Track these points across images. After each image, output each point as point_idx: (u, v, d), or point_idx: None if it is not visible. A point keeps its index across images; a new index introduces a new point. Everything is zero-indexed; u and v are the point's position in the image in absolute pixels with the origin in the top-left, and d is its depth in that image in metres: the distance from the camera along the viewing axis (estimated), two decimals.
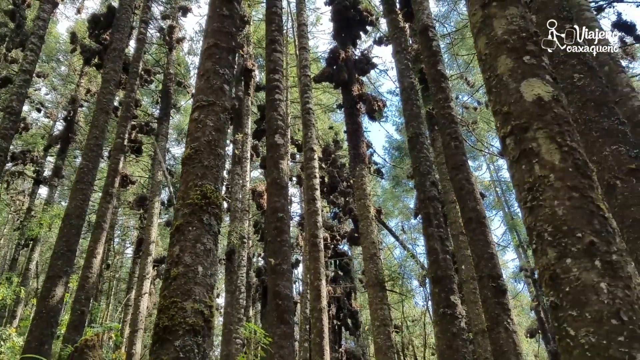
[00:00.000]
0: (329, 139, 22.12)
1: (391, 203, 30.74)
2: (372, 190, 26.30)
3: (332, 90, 19.30)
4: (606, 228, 1.88)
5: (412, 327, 23.28)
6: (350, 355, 19.30)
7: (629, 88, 7.51)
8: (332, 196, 21.00)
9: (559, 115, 2.13)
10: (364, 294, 23.33)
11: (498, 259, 7.54)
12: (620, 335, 1.65)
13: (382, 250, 23.40)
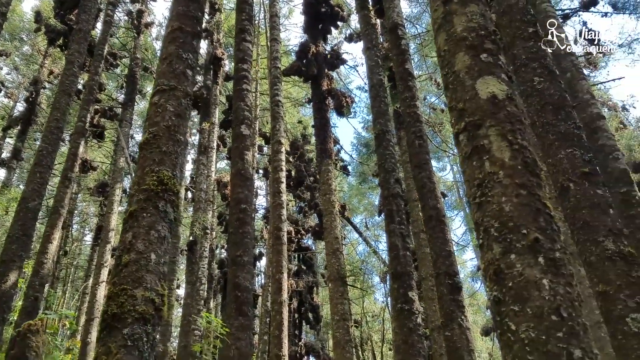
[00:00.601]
0: (297, 133, 22.06)
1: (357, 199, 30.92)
2: (339, 186, 26.39)
3: (301, 84, 19.24)
4: (551, 226, 1.92)
5: (371, 323, 23.53)
6: (309, 348, 19.38)
7: (589, 95, 7.76)
8: (298, 190, 20.97)
9: (511, 114, 2.16)
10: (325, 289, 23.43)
11: (455, 256, 7.68)
12: (560, 331, 1.68)
13: (346, 245, 23.53)
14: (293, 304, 19.64)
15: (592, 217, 3.67)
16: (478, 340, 26.27)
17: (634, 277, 3.46)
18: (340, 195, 26.99)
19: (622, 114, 14.95)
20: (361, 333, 20.74)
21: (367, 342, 21.35)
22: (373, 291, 23.41)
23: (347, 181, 30.05)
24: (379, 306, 25.99)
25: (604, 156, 7.12)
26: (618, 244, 3.55)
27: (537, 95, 4.08)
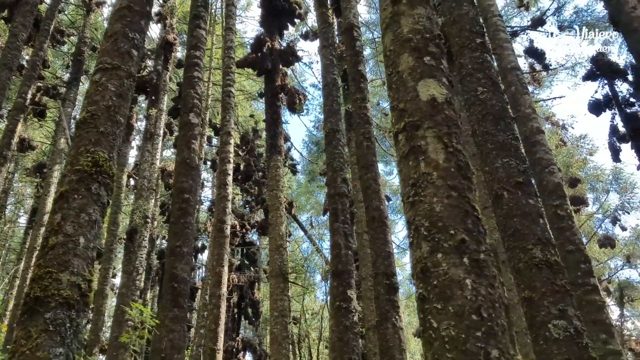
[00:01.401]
0: (248, 126, 21.83)
1: (305, 198, 30.95)
2: (288, 183, 26.30)
3: (255, 78, 19.03)
4: (478, 228, 1.97)
5: (310, 320, 23.64)
6: (246, 344, 19.25)
7: (531, 110, 8.08)
8: (246, 184, 20.77)
9: (449, 118, 2.21)
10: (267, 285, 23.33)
11: (395, 258, 7.83)
12: (479, 331, 1.73)
13: (290, 242, 23.49)
14: (233, 299, 19.44)
15: (522, 226, 3.82)
16: (412, 342, 26.92)
17: (558, 285, 3.63)
18: (289, 192, 26.92)
19: (562, 131, 15.71)
20: (299, 330, 20.78)
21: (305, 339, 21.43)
22: (314, 289, 23.53)
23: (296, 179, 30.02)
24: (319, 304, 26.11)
25: (540, 169, 7.44)
26: (545, 253, 3.71)
27: (480, 105, 4.21)
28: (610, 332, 6.55)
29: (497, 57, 8.13)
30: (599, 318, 6.49)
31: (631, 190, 16.12)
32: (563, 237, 6.91)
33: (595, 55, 10.52)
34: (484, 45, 4.38)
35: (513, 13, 13.51)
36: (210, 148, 22.97)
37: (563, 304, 3.49)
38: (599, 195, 16.78)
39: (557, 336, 3.41)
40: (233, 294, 19.32)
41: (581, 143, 15.97)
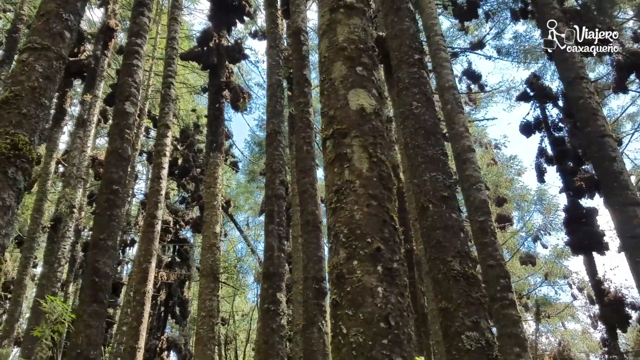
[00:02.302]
0: (190, 121, 21.36)
1: (243, 198, 30.62)
2: (227, 181, 25.94)
3: (200, 72, 18.67)
4: (394, 238, 2.03)
5: (240, 322, 23.37)
6: (171, 343, 18.76)
7: (464, 128, 8.38)
8: (183, 180, 20.28)
9: (375, 128, 2.26)
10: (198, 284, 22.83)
11: (326, 263, 7.89)
12: (385, 338, 1.77)
13: (225, 242, 23.14)
14: (161, 297, 18.89)
15: (444, 238, 3.96)
16: None
17: (474, 297, 3.78)
18: (227, 191, 26.54)
19: (494, 151, 16.46)
20: (227, 331, 20.49)
21: (232, 341, 21.16)
22: (245, 290, 23.28)
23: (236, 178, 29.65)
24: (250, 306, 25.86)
25: (469, 186, 7.73)
26: (463, 266, 3.86)
27: (413, 119, 4.33)
28: (524, 346, 6.85)
29: (436, 75, 8.40)
30: (514, 332, 6.76)
31: (554, 211, 17.11)
32: (485, 252, 7.19)
33: (530, 77, 11.09)
34: (421, 61, 4.51)
35: (457, 35, 14.05)
36: (147, 140, 22.27)
37: (477, 316, 3.64)
38: (524, 214, 17.72)
39: (470, 347, 3.54)
40: (161, 292, 18.78)
41: (511, 163, 16.81)
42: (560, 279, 17.70)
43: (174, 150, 19.57)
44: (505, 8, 11.15)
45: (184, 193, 21.12)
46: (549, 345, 18.56)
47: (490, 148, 16.24)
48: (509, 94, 14.08)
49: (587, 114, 6.99)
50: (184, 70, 19.62)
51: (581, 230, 9.91)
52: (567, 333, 19.50)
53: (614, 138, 7.22)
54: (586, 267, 10.39)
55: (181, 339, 19.84)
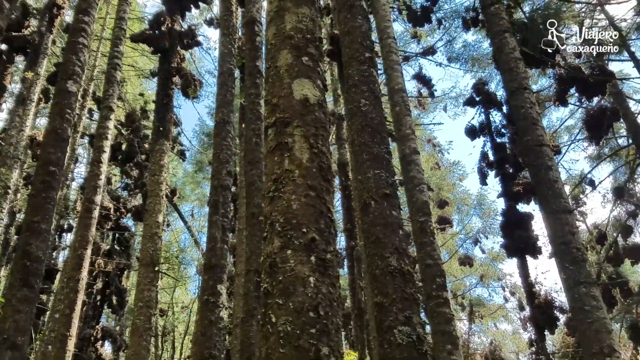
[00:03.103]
0: (137, 105, 20.71)
1: (190, 188, 30.04)
2: (173, 170, 25.38)
3: (151, 56, 18.12)
4: (329, 229, 2.04)
5: (179, 314, 22.95)
6: (106, 333, 18.21)
7: (410, 130, 8.56)
8: (127, 166, 19.63)
9: (318, 119, 2.26)
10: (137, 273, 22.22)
11: None
12: (313, 328, 1.77)
13: (168, 232, 22.63)
14: (97, 285, 18.28)
15: (383, 235, 4.03)
16: None
17: (408, 293, 3.87)
18: (174, 180, 25.96)
19: (439, 155, 16.95)
20: (165, 322, 20.06)
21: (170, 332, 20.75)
22: (187, 282, 22.87)
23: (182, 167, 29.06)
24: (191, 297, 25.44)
25: (412, 187, 7.90)
26: (400, 262, 3.94)
27: (361, 116, 4.38)
28: (455, 344, 7.06)
29: (387, 77, 8.53)
30: (447, 329, 6.95)
31: (492, 216, 17.78)
32: (424, 251, 7.37)
33: (477, 82, 11.45)
34: (371, 60, 4.56)
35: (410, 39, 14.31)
36: (91, 122, 21.43)
37: (410, 312, 3.73)
38: (464, 217, 18.34)
39: (401, 341, 3.62)
40: (98, 280, 18.18)
41: (454, 168, 17.35)
42: (495, 281, 18.49)
43: (118, 134, 18.92)
44: (457, 16, 11.46)
45: (127, 180, 20.46)
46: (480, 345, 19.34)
47: (435, 152, 16.71)
48: (457, 100, 14.52)
49: (527, 123, 7.28)
50: (133, 52, 18.99)
51: (516, 234, 10.34)
52: (498, 333, 20.38)
53: (551, 148, 7.57)
54: (519, 270, 10.87)
55: (117, 329, 19.28)
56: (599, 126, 10.17)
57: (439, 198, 15.22)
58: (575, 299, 6.34)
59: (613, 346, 6.03)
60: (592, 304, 6.30)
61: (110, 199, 18.80)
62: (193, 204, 28.99)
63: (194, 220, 24.19)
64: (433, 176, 16.54)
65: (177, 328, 23.00)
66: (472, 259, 16.80)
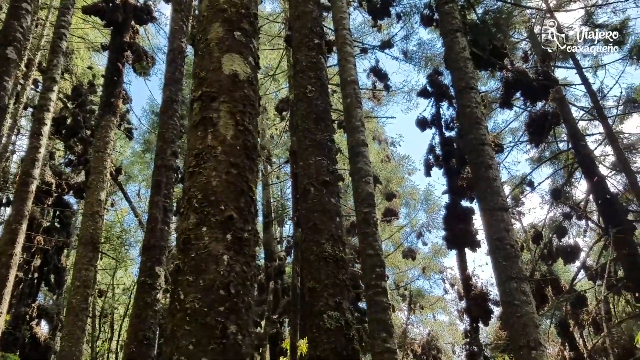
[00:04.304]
0: (85, 79, 19.93)
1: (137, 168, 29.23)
2: (121, 149, 24.67)
3: (103, 30, 17.44)
4: (249, 208, 2.01)
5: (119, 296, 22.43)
6: (42, 312, 17.62)
7: (360, 123, 8.61)
8: (71, 141, 18.88)
9: (247, 97, 2.22)
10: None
11: None
12: (222, 306, 1.75)
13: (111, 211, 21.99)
14: (35, 262, 17.62)
15: (321, 221, 4.04)
16: None
17: (340, 279, 3.90)
18: (121, 159, 25.19)
19: (389, 148, 17.18)
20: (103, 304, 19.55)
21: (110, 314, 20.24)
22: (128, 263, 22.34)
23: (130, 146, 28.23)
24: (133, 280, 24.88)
25: (359, 178, 7.96)
26: (335, 249, 3.97)
27: (306, 102, 4.35)
28: (390, 332, 7.20)
29: (340, 69, 8.55)
30: (382, 318, 7.07)
31: (437, 211, 18.22)
32: (366, 241, 7.46)
33: (431, 73, 11.62)
34: (320, 46, 4.54)
35: (368, 32, 14.36)
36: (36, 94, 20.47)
37: (340, 297, 3.77)
38: (410, 211, 18.73)
39: (329, 326, 3.65)
40: (36, 257, 17.53)
41: (403, 162, 17.65)
42: (436, 274, 19.04)
43: (63, 108, 18.18)
44: (416, 12, 11.57)
45: (71, 155, 19.70)
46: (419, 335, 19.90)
47: (387, 145, 16.92)
48: (410, 95, 14.72)
49: (471, 122, 7.46)
50: (84, 24, 18.22)
51: (458, 228, 10.65)
52: (436, 324, 21.04)
53: (492, 147, 7.79)
54: (458, 262, 11.21)
55: (54, 308, 18.65)
56: (540, 130, 10.56)
57: (388, 190, 15.45)
58: (506, 293, 6.57)
59: (539, 340, 6.28)
60: (521, 298, 6.53)
61: (52, 175, 18.11)
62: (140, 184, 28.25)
63: (140, 201, 23.60)
64: (384, 169, 16.76)
65: (117, 310, 22.48)
66: (416, 252, 17.20)
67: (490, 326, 16.42)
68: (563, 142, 13.47)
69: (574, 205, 12.91)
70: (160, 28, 27.24)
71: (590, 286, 13.05)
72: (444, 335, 20.62)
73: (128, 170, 25.21)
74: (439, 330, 20.11)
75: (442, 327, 21.05)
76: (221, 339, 1.70)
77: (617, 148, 11.01)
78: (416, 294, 18.31)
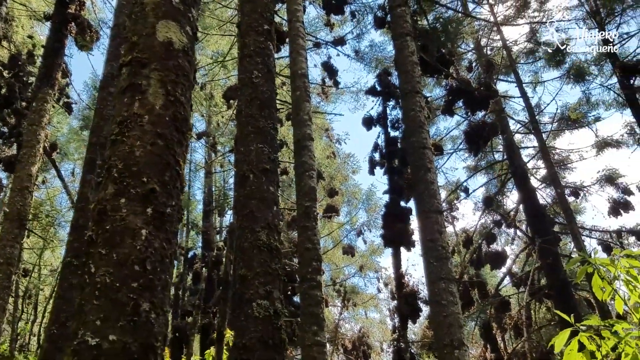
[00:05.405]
0: (24, 48, 18.84)
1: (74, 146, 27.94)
2: (58, 125, 23.56)
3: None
4: (174, 183, 1.92)
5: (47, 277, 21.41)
6: None
7: (307, 117, 8.60)
8: (4, 112, 17.79)
9: (180, 67, 2.13)
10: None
11: None
12: (136, 282, 1.66)
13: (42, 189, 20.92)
14: None
15: (257, 209, 3.98)
16: None
17: (272, 268, 3.86)
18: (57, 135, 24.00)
19: (336, 145, 17.28)
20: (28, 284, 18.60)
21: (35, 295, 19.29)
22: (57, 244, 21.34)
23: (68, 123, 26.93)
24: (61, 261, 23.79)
25: (302, 172, 7.96)
26: (270, 238, 3.92)
27: (251, 88, 4.27)
28: (321, 326, 7.24)
29: (291, 61, 8.50)
30: (315, 311, 7.11)
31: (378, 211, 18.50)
32: (305, 235, 7.48)
33: (381, 73, 11.76)
34: (270, 33, 4.47)
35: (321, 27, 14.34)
36: None
37: (271, 286, 3.72)
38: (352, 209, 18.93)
39: (258, 315, 3.60)
40: None
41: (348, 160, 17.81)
42: (372, 272, 19.37)
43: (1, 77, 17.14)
44: (369, 12, 11.67)
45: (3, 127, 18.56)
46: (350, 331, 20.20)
47: (332, 142, 17.01)
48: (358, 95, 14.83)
49: (414, 125, 7.60)
50: None
51: (396, 227, 10.86)
52: (367, 321, 21.42)
53: (432, 152, 7.98)
54: (393, 260, 11.44)
55: None
56: (478, 139, 10.93)
57: (331, 187, 15.55)
58: (435, 292, 6.73)
59: (462, 340, 6.46)
60: (449, 299, 6.71)
61: None
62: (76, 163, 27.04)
63: (74, 180, 22.59)
64: (328, 166, 16.84)
65: (43, 292, 21.47)
66: (354, 250, 17.43)
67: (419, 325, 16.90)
68: (499, 152, 14.02)
69: (504, 214, 13.47)
70: (107, 1, 26.16)
71: (514, 292, 13.67)
72: (374, 332, 21.02)
73: (64, 148, 24.10)
74: (369, 327, 20.48)
75: (372, 324, 21.45)
76: (132, 316, 1.62)
77: (549, 162, 11.57)
78: (351, 290, 18.55)
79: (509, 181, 13.25)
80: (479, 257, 12.76)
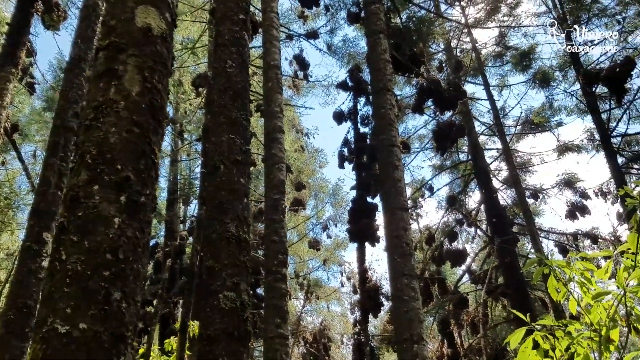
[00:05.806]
0: None
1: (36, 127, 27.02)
2: (20, 105, 22.77)
3: None
4: (150, 172, 1.90)
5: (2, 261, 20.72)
6: None
7: (279, 109, 8.58)
8: None
9: (159, 54, 2.10)
10: None
11: None
12: (108, 270, 1.64)
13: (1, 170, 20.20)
14: None
15: (227, 200, 3.96)
16: None
17: (240, 260, 3.85)
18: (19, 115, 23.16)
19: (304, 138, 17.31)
20: None
21: None
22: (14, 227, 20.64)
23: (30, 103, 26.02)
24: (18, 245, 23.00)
25: (272, 164, 7.96)
26: (239, 229, 3.91)
27: (225, 77, 4.24)
28: (284, 318, 7.28)
29: (264, 52, 8.47)
30: (279, 304, 7.14)
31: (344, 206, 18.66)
32: (272, 227, 7.49)
33: (353, 68, 11.82)
34: (245, 22, 4.44)
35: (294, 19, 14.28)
36: None
37: (238, 278, 3.72)
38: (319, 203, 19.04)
39: (224, 306, 3.59)
40: None
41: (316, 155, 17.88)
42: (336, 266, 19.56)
43: None
44: (343, 7, 11.70)
45: None
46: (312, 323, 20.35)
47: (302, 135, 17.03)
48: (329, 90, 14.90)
49: (384, 123, 7.68)
50: None
51: (362, 222, 11.00)
52: (329, 314, 21.63)
53: (401, 149, 8.09)
54: (358, 255, 11.59)
55: None
56: (446, 139, 11.14)
57: (299, 181, 15.57)
58: (397, 288, 6.85)
59: (422, 335, 6.60)
60: (410, 294, 6.83)
61: None
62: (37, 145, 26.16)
63: (35, 163, 21.88)
64: (297, 159, 16.85)
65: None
66: (320, 244, 17.55)
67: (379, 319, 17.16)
68: (464, 153, 14.33)
69: (466, 213, 13.80)
70: None
71: (472, 289, 14.04)
72: (335, 325, 21.23)
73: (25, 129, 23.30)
74: (331, 320, 20.68)
75: (334, 318, 21.66)
76: (103, 304, 1.60)
77: (511, 164, 11.91)
78: (314, 283, 18.68)
79: (472, 181, 13.56)
80: (441, 254, 13.04)
